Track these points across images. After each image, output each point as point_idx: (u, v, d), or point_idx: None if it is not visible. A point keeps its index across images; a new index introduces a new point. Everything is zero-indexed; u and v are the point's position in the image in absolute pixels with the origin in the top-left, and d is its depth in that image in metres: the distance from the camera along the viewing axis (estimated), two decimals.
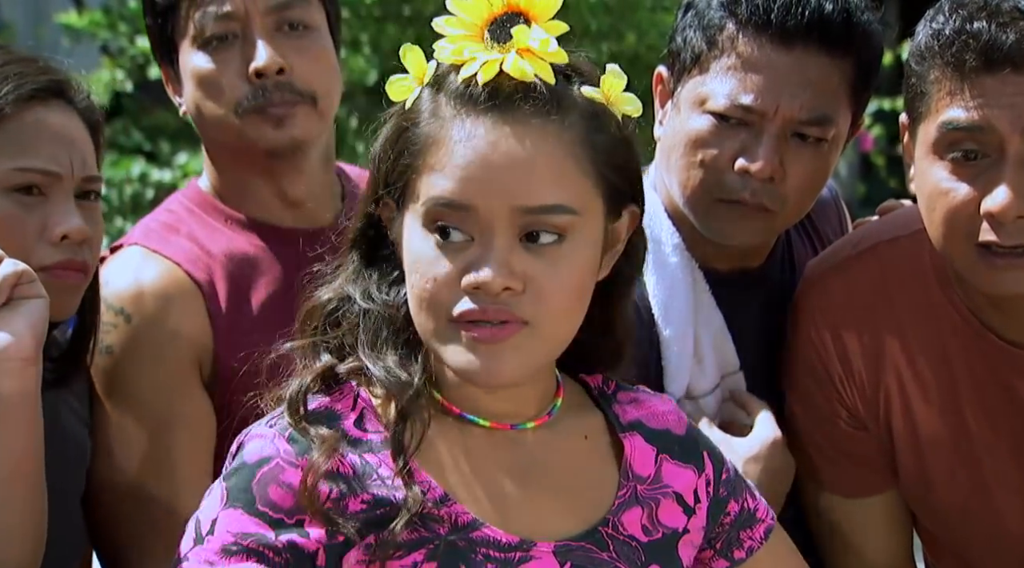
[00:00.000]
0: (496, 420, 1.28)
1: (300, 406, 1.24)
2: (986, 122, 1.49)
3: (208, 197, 1.85)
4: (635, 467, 1.33)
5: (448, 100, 1.21)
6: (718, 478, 1.38)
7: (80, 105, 1.60)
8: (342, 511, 1.21)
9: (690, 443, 1.38)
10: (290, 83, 1.76)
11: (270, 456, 1.22)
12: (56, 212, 1.54)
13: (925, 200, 1.56)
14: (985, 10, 1.48)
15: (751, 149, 1.68)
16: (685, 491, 1.35)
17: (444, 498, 1.24)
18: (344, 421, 1.24)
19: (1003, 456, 1.67)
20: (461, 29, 1.21)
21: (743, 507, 1.39)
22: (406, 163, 1.23)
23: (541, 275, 1.21)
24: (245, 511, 1.21)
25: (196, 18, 1.77)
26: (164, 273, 1.75)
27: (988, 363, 1.65)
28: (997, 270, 1.51)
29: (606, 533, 1.29)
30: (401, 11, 5.12)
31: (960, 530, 1.73)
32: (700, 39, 1.70)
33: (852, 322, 1.71)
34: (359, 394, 1.27)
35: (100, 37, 5.43)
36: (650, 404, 1.38)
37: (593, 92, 1.24)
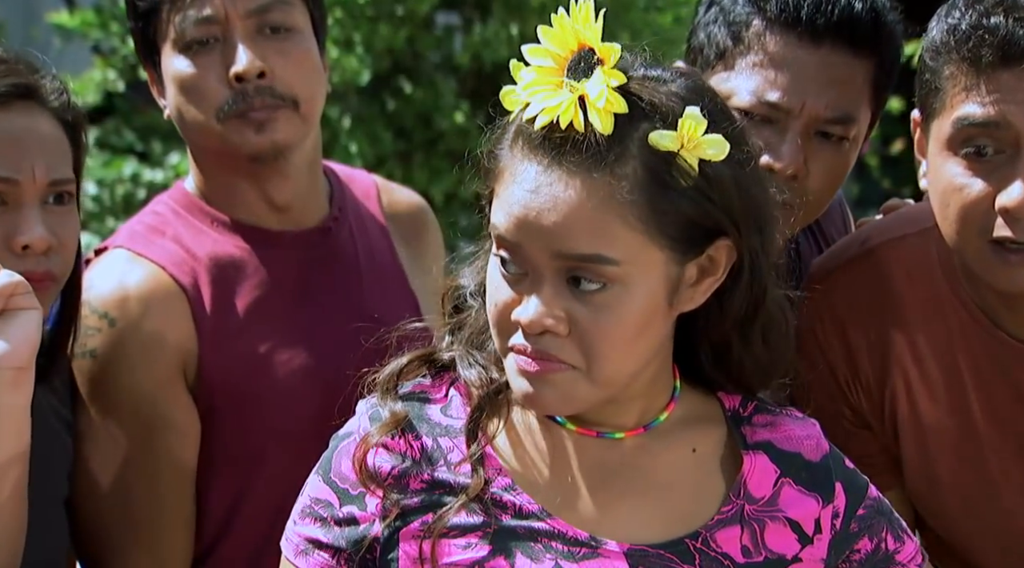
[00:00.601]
0: (582, 426, 1.29)
1: (390, 385, 1.30)
2: (1002, 118, 1.48)
3: (194, 199, 1.84)
4: (750, 486, 1.31)
5: (516, 134, 1.24)
6: (851, 512, 1.34)
7: (52, 105, 1.58)
8: (403, 488, 1.26)
9: (822, 471, 1.34)
10: (271, 87, 1.74)
11: (351, 431, 1.30)
12: (17, 221, 1.53)
13: (939, 196, 1.55)
14: (1002, 5, 1.47)
15: (775, 147, 1.68)
16: (804, 519, 1.32)
17: (511, 486, 1.26)
18: (432, 403, 1.29)
19: (1010, 455, 1.66)
20: (546, 59, 1.21)
21: (878, 547, 1.35)
22: (488, 183, 1.27)
23: (586, 320, 1.21)
24: (322, 479, 1.30)
25: (176, 22, 1.75)
26: (148, 277, 1.74)
27: (996, 361, 1.64)
28: (1011, 266, 1.50)
29: (693, 546, 1.27)
30: (394, 11, 5.11)
31: (965, 530, 1.72)
32: (725, 35, 1.70)
33: (858, 320, 1.70)
34: (456, 380, 1.31)
35: (92, 37, 5.40)
36: (787, 427, 1.35)
37: (661, 139, 1.21)
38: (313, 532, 1.29)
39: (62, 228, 1.56)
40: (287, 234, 1.82)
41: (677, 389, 1.33)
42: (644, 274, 1.21)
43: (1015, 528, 1.69)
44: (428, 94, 5.07)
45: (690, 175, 1.21)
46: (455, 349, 1.31)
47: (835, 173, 1.73)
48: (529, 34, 1.25)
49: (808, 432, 1.36)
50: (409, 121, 5.06)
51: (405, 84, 5.20)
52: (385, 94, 5.19)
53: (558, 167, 1.19)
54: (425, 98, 5.07)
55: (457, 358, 1.31)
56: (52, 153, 1.56)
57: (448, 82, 5.16)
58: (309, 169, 1.84)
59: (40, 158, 1.54)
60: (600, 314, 1.20)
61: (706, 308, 1.28)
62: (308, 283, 1.82)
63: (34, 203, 1.54)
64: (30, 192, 1.54)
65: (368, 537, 1.26)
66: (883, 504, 1.38)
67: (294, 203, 1.83)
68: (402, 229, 1.95)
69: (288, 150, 1.78)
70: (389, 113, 5.16)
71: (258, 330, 1.78)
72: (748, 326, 1.30)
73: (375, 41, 5.09)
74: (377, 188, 1.98)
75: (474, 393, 1.29)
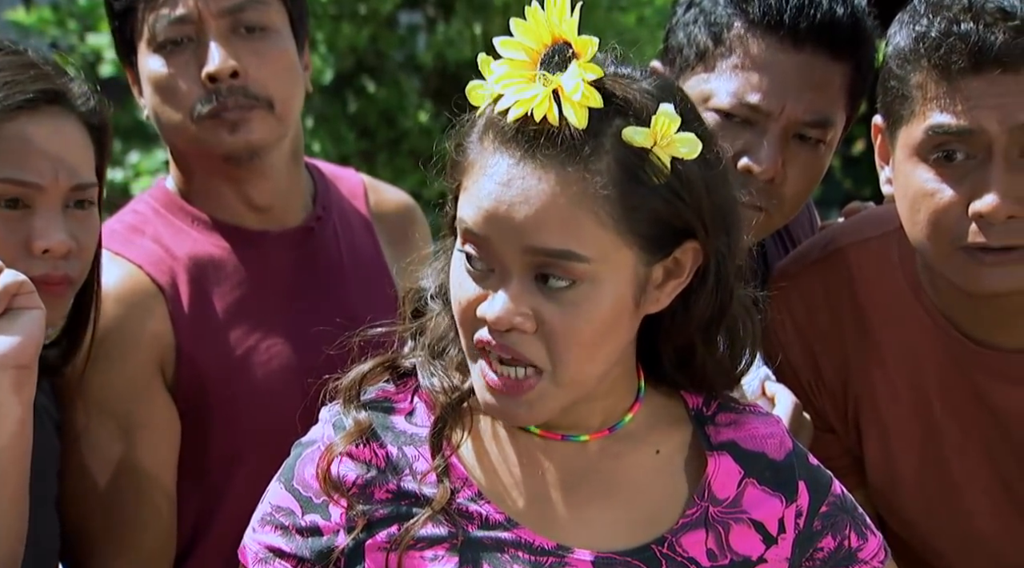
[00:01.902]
0: (547, 429, 1.27)
1: (353, 393, 1.28)
2: (976, 125, 1.48)
3: (175, 198, 1.83)
4: (714, 488, 1.30)
5: (486, 127, 1.22)
6: (815, 510, 1.33)
7: (79, 109, 1.59)
8: (367, 497, 1.24)
9: (785, 470, 1.33)
10: (245, 87, 1.73)
11: (315, 439, 1.29)
12: (39, 225, 1.54)
13: (908, 202, 1.55)
14: (970, 12, 1.48)
15: (754, 149, 1.68)
16: (768, 520, 1.31)
17: (478, 496, 1.24)
18: (396, 412, 1.28)
19: (972, 456, 1.67)
20: (519, 52, 1.20)
21: (841, 544, 1.34)
22: (455, 177, 1.24)
23: (553, 318, 1.19)
24: (284, 486, 1.28)
25: (151, 21, 1.74)
26: (125, 276, 1.74)
27: (957, 363, 1.65)
28: (985, 267, 1.51)
29: (660, 552, 1.26)
30: (357, 10, 5.09)
31: (928, 532, 1.73)
32: (706, 36, 1.70)
33: (821, 323, 1.71)
34: (420, 387, 1.29)
35: (49, 34, 5.35)
36: (751, 426, 1.34)
37: (635, 135, 1.19)
38: (274, 540, 1.27)
39: (82, 232, 1.58)
40: (269, 234, 1.81)
41: (642, 390, 1.31)
42: (613, 273, 1.20)
43: (975, 529, 1.70)
44: (391, 93, 5.06)
45: (663, 173, 1.20)
46: (417, 355, 1.29)
47: (811, 176, 1.74)
48: (493, 33, 1.24)
49: (772, 430, 1.35)
50: (372, 120, 5.05)
51: (368, 83, 5.19)
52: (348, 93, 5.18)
53: (531, 160, 1.17)
54: (388, 97, 5.06)
55: (418, 366, 1.28)
56: (77, 158, 1.57)
57: (411, 81, 5.15)
58: (289, 168, 1.83)
59: (64, 163, 1.55)
60: (568, 312, 1.19)
61: (671, 310, 1.27)
62: (291, 283, 1.81)
63: (56, 207, 1.55)
64: (53, 196, 1.55)
65: (334, 549, 1.24)
66: (847, 500, 1.37)
67: (274, 203, 1.82)
68: (389, 228, 1.94)
69: (263, 150, 1.77)
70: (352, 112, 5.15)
71: (239, 330, 1.77)
72: (712, 329, 1.29)
73: (338, 40, 5.07)
74: (364, 187, 1.97)
75: (437, 402, 1.26)
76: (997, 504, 1.67)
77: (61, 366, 1.65)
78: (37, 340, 1.40)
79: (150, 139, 5.04)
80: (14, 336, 1.38)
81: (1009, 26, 1.46)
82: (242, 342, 1.76)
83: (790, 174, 1.70)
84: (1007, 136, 1.48)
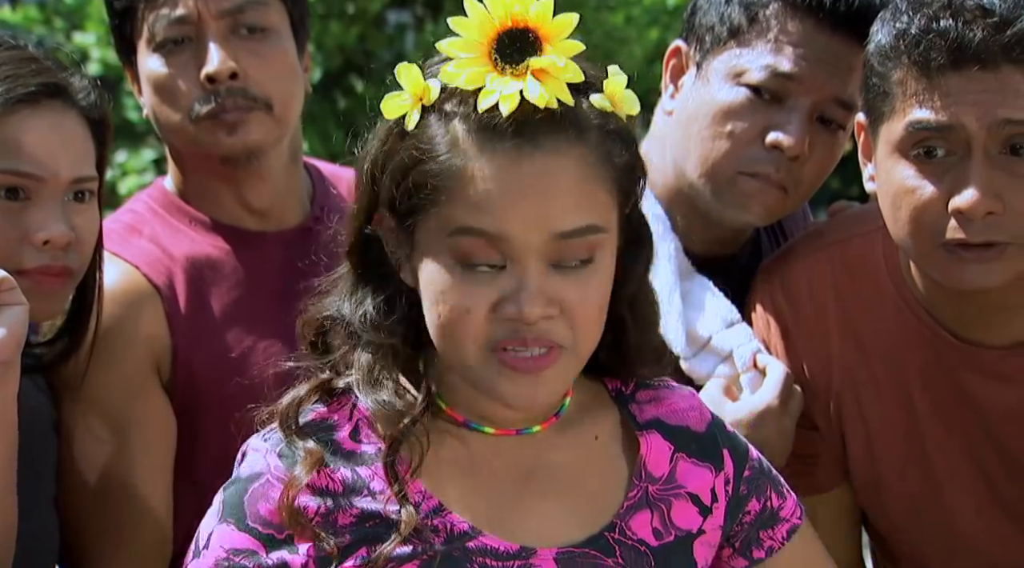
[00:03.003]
0: (501, 426, 1.27)
1: (292, 420, 1.25)
2: (955, 121, 1.49)
3: (172, 198, 1.84)
4: (649, 467, 1.32)
5: (468, 130, 1.19)
6: (739, 476, 1.36)
7: (80, 104, 1.60)
8: (331, 525, 1.21)
9: (709, 440, 1.36)
10: (243, 89, 1.73)
11: (261, 472, 1.24)
12: (39, 216, 1.55)
13: (890, 199, 1.56)
14: (950, 8, 1.48)
15: (783, 125, 1.69)
16: (701, 491, 1.33)
17: (439, 509, 1.23)
18: (339, 433, 1.24)
19: (955, 454, 1.67)
20: (466, 51, 1.19)
21: (765, 506, 1.37)
22: (425, 195, 1.21)
23: (573, 298, 1.21)
24: (237, 527, 1.22)
25: (150, 21, 1.74)
26: (121, 276, 1.73)
27: (940, 361, 1.65)
28: (965, 263, 1.51)
29: (612, 538, 1.27)
30: (345, 9, 5.09)
31: (912, 530, 1.73)
32: (740, 13, 1.71)
33: (805, 322, 1.71)
34: (356, 404, 1.26)
35: (36, 33, 5.34)
36: (670, 401, 1.36)
37: (601, 101, 1.22)
38: None
39: (82, 225, 1.58)
40: (267, 235, 1.81)
41: None
42: (611, 240, 1.23)
43: (959, 528, 1.70)
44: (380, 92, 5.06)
45: (628, 133, 1.24)
46: (354, 376, 1.26)
47: (829, 160, 1.75)
48: None
49: (690, 403, 1.37)
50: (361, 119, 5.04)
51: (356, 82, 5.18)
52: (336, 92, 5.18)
53: (535, 147, 1.18)
54: (377, 96, 5.05)
55: (359, 391, 1.25)
56: (77, 151, 1.58)
57: None
58: (287, 169, 1.83)
59: (65, 156, 1.56)
60: (585, 288, 1.21)
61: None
62: (288, 283, 1.79)
63: (56, 199, 1.56)
64: (53, 188, 1.56)
65: None
66: (763, 463, 1.39)
67: (272, 204, 1.82)
68: None
69: (261, 152, 1.77)
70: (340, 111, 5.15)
71: (236, 330, 1.77)
72: (640, 304, 1.31)
73: (326, 39, 5.07)
74: None
75: (385, 429, 1.24)
76: (981, 503, 1.68)
77: (61, 363, 1.66)
78: (19, 336, 1.40)
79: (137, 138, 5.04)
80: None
81: (988, 23, 1.47)
82: (238, 343, 1.76)
83: (812, 155, 1.71)
84: (985, 132, 1.49)
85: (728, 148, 1.71)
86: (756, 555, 1.37)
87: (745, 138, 1.70)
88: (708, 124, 1.71)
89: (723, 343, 1.71)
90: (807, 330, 1.71)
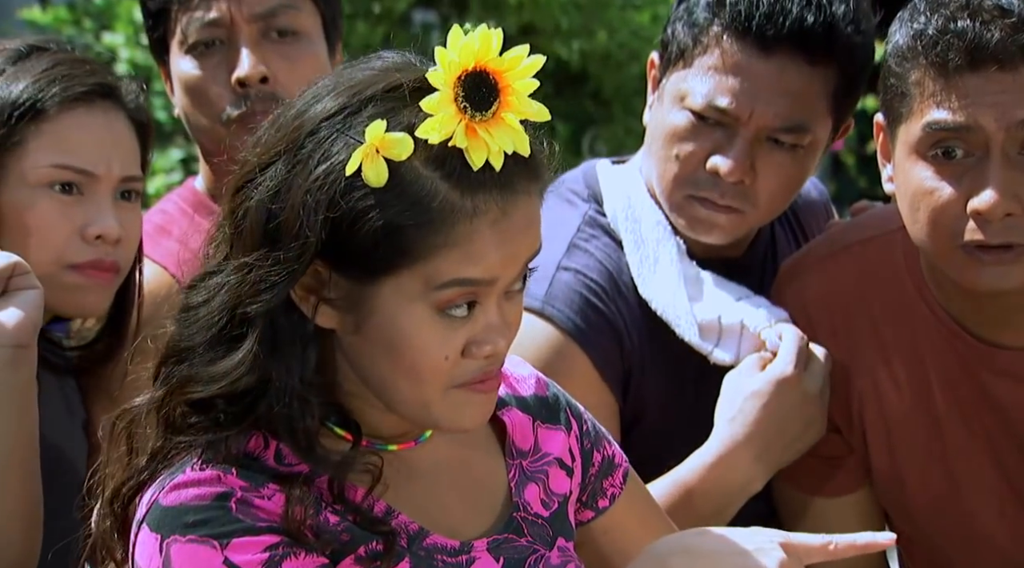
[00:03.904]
0: (400, 441, 1.26)
1: (235, 451, 1.18)
2: (973, 121, 1.48)
3: (203, 197, 1.86)
4: (517, 443, 1.33)
5: (452, 185, 1.15)
6: (582, 431, 1.38)
7: (129, 106, 1.64)
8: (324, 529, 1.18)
9: (553, 403, 1.37)
10: (274, 93, 1.75)
11: (228, 491, 1.16)
12: (92, 211, 1.58)
13: (908, 200, 1.55)
14: (967, 9, 1.48)
15: (724, 150, 1.68)
16: (563, 454, 1.35)
17: (389, 510, 1.22)
18: (265, 460, 1.19)
19: (976, 455, 1.66)
20: (439, 107, 1.15)
21: (604, 455, 1.39)
22: (403, 252, 1.15)
23: (517, 320, 1.23)
24: (251, 535, 1.15)
25: (183, 22, 1.76)
26: (151, 277, 1.75)
27: (962, 362, 1.64)
28: (984, 265, 1.51)
29: (520, 517, 1.29)
30: (371, 9, 5.11)
31: (934, 530, 1.73)
32: (687, 34, 1.71)
33: (826, 323, 1.70)
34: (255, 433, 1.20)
35: (65, 33, 5.38)
36: (513, 374, 1.37)
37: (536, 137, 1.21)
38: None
39: (128, 223, 1.62)
40: None
41: None
42: None
43: (981, 529, 1.69)
44: None
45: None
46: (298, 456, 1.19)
47: (788, 178, 1.73)
48: (507, 31, 1.22)
49: (527, 370, 1.39)
50: None
51: None
52: None
53: (515, 195, 1.17)
54: None
55: (290, 442, 1.19)
56: (126, 151, 1.63)
57: None
58: None
59: (116, 154, 1.61)
60: (520, 309, 1.24)
61: None
62: None
63: (108, 195, 1.60)
64: (105, 185, 1.60)
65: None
66: (590, 414, 1.41)
67: None
68: None
69: None
70: None
71: None
72: None
73: (352, 39, 5.08)
74: None
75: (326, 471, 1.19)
76: (1003, 504, 1.67)
77: (101, 366, 1.68)
78: (35, 319, 1.42)
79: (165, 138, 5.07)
80: (12, 316, 1.40)
81: (1006, 23, 1.46)
82: None
83: (763, 175, 1.69)
84: (1004, 133, 1.48)
85: (676, 171, 1.71)
86: (601, 504, 1.38)
87: (691, 162, 1.70)
88: (661, 145, 1.72)
89: (732, 317, 1.71)
90: (828, 331, 1.70)
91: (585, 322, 1.70)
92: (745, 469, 1.65)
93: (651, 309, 1.73)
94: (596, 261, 1.75)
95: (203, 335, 1.21)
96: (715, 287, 1.74)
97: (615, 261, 1.75)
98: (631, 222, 1.76)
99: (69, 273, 1.56)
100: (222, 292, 1.20)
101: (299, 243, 1.15)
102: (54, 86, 1.57)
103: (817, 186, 2.03)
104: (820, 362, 1.67)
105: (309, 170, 1.15)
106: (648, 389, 1.75)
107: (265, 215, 1.18)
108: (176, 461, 1.20)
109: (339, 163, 1.14)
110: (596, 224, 1.79)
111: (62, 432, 1.64)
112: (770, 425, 1.64)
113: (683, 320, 1.71)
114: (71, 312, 1.63)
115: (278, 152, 1.18)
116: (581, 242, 1.76)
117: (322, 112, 1.18)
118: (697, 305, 1.72)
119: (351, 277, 1.17)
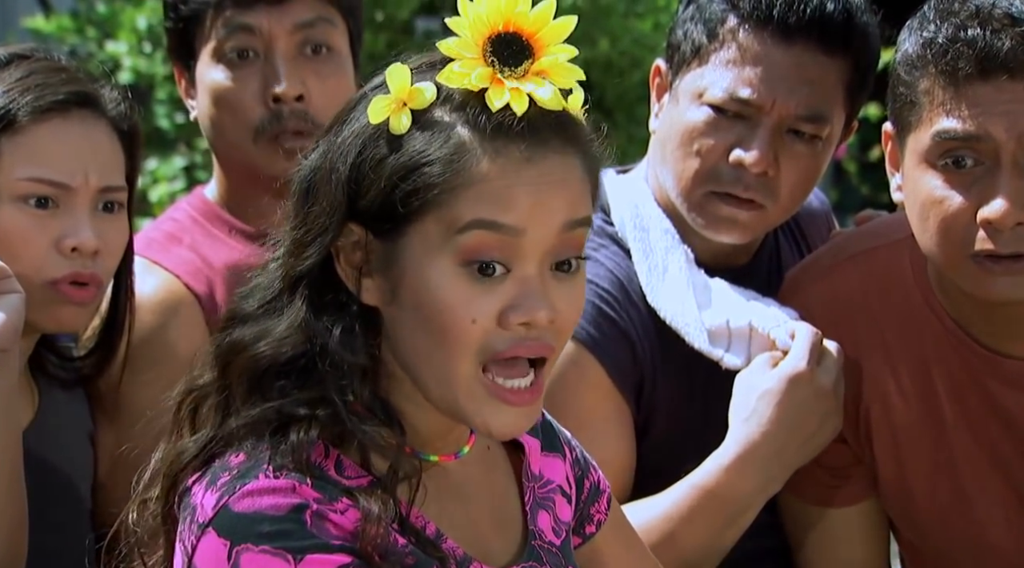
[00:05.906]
0: (442, 453, 1.24)
1: (308, 460, 1.15)
2: (983, 131, 1.48)
3: (214, 207, 1.85)
4: (532, 466, 1.30)
5: (474, 132, 1.15)
6: (574, 458, 1.36)
7: (110, 114, 1.61)
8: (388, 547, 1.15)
9: (549, 429, 1.35)
10: (306, 112, 1.75)
11: (303, 503, 1.13)
12: (68, 224, 1.56)
13: (918, 209, 1.55)
14: (977, 17, 1.47)
15: (747, 141, 1.68)
16: (564, 482, 1.33)
17: (439, 535, 1.20)
18: (326, 469, 1.16)
19: (984, 466, 1.66)
20: (468, 52, 1.17)
21: (591, 481, 1.37)
22: (425, 199, 1.15)
23: (566, 303, 1.18)
24: (325, 552, 1.12)
25: (219, 30, 1.76)
26: (162, 285, 1.75)
27: (969, 371, 1.64)
28: (994, 275, 1.50)
29: (537, 546, 1.27)
30: (374, 16, 5.10)
31: (941, 541, 1.72)
32: (701, 32, 1.71)
33: (832, 333, 1.70)
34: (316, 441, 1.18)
35: (68, 42, 5.38)
36: None
37: (575, 101, 1.20)
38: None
39: (109, 234, 1.59)
40: None
41: None
42: None
43: (989, 540, 1.69)
44: None
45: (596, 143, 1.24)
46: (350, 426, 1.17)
47: (807, 171, 1.73)
48: None
49: None
50: None
51: None
52: None
53: (545, 150, 1.16)
54: None
55: (362, 439, 1.17)
56: (106, 161, 1.59)
57: None
58: None
59: (94, 164, 1.58)
60: (575, 291, 1.19)
61: None
62: None
63: (85, 207, 1.57)
64: (82, 197, 1.57)
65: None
66: (576, 440, 1.39)
67: None
68: None
69: None
70: None
71: None
72: None
73: None
74: None
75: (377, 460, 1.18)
76: (1009, 513, 1.67)
77: (96, 375, 1.67)
78: (16, 323, 1.41)
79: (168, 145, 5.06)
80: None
81: (1017, 32, 1.46)
82: None
83: (784, 168, 1.69)
84: (1015, 142, 1.48)
85: (697, 167, 1.70)
86: (588, 530, 1.37)
87: (712, 156, 1.70)
88: (678, 145, 1.71)
89: (741, 320, 1.70)
90: (833, 340, 1.70)
91: (598, 331, 1.70)
92: (763, 468, 1.64)
93: (660, 317, 1.73)
94: (606, 270, 1.75)
95: (258, 302, 1.22)
96: (724, 292, 1.74)
97: (624, 270, 1.75)
98: (639, 231, 1.76)
99: (47, 290, 1.54)
100: (275, 262, 1.23)
101: (330, 196, 1.18)
102: (26, 95, 1.55)
103: (818, 196, 2.03)
104: (833, 356, 1.66)
105: (342, 133, 1.20)
106: (658, 397, 1.75)
107: (306, 183, 1.22)
108: (230, 448, 1.18)
109: (366, 118, 1.18)
110: (604, 233, 1.79)
111: (68, 445, 1.63)
112: (785, 422, 1.63)
113: (692, 328, 1.71)
114: (51, 328, 1.61)
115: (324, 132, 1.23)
116: (590, 251, 1.76)
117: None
118: (706, 312, 1.72)
119: (382, 234, 1.17)
